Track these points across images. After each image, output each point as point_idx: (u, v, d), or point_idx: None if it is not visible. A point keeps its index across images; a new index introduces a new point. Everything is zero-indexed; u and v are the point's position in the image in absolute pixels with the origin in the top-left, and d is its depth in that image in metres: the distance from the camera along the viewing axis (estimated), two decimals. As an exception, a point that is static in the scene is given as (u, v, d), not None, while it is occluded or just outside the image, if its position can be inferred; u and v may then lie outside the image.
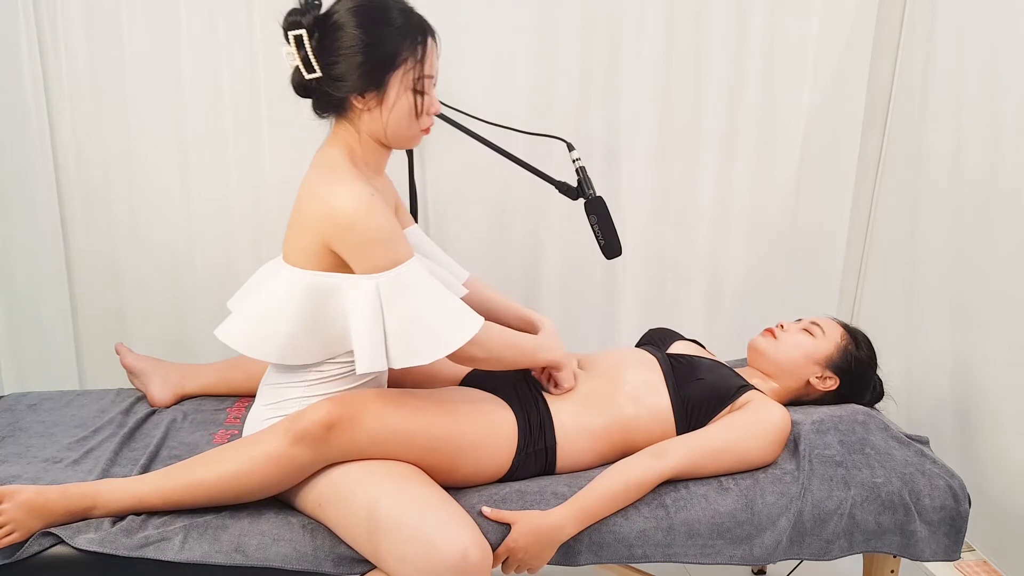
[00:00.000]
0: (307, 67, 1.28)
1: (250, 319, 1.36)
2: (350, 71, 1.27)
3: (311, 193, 1.29)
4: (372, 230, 1.25)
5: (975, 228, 1.86)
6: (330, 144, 1.36)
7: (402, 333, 1.27)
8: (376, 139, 1.35)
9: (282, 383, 1.37)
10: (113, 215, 2.16)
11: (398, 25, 1.28)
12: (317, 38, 1.27)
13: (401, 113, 1.31)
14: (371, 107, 1.30)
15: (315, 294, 1.30)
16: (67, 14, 2.01)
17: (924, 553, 1.42)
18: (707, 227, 2.31)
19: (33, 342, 2.19)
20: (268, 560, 1.27)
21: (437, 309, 1.30)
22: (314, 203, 1.28)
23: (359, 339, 1.26)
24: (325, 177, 1.29)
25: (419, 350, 1.28)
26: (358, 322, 1.27)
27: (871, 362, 1.64)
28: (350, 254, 1.26)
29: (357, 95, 1.29)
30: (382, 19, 1.27)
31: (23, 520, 1.25)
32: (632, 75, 2.16)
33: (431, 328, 1.29)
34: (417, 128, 1.34)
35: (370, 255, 1.26)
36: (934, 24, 2.02)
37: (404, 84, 1.29)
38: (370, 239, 1.25)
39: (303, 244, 1.30)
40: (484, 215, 2.23)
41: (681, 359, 1.57)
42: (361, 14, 1.27)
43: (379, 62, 1.27)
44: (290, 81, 1.33)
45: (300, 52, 1.27)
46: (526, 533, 1.29)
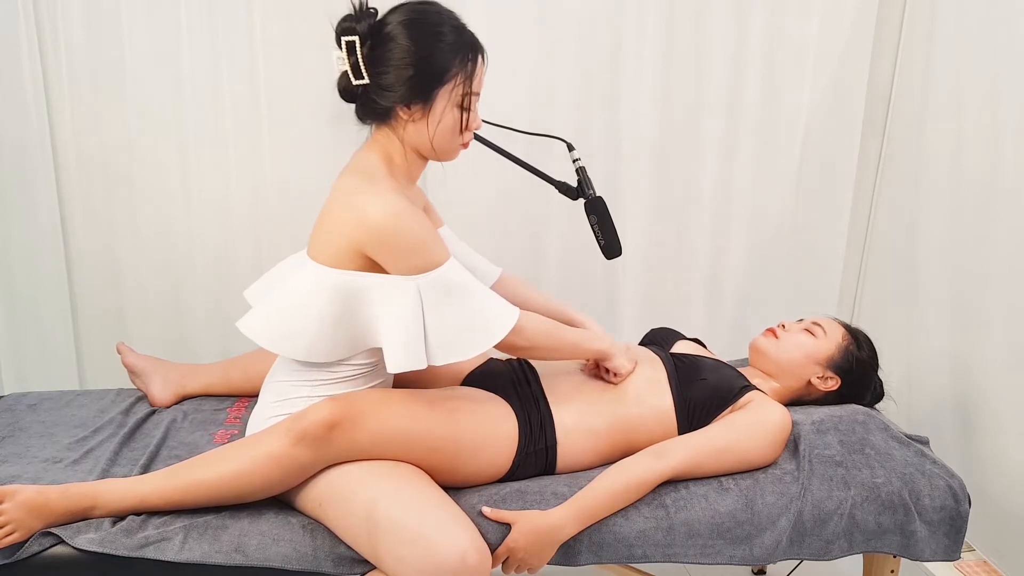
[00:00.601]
0: (356, 73, 1.29)
1: (274, 314, 1.36)
2: (399, 82, 1.28)
3: (345, 199, 1.30)
4: (409, 239, 1.26)
5: (975, 228, 1.86)
6: (368, 149, 1.37)
7: (443, 331, 1.29)
8: (416, 150, 1.36)
9: (290, 381, 1.37)
10: (113, 215, 2.16)
11: (450, 41, 1.29)
12: (369, 46, 1.28)
13: (445, 127, 1.32)
14: (416, 119, 1.31)
15: (344, 293, 1.30)
16: (67, 14, 2.01)
17: (924, 553, 1.42)
18: (707, 227, 2.31)
19: (33, 342, 2.19)
20: (268, 560, 1.27)
21: (477, 305, 1.32)
22: (348, 210, 1.28)
23: (395, 338, 1.27)
24: (361, 185, 1.29)
25: (462, 346, 1.30)
26: (395, 322, 1.28)
27: (872, 362, 1.64)
28: (388, 261, 1.27)
29: (403, 106, 1.30)
30: (435, 34, 1.29)
31: (23, 520, 1.24)
32: (632, 75, 2.16)
33: (472, 324, 1.31)
34: (458, 142, 1.37)
35: (409, 261, 1.27)
36: (934, 24, 2.02)
37: (452, 100, 1.31)
38: (408, 247, 1.26)
39: (334, 246, 1.30)
40: (484, 215, 2.23)
41: (684, 359, 1.57)
42: (414, 27, 1.28)
43: (428, 76, 1.28)
44: (336, 85, 1.33)
45: (351, 58, 1.28)
46: (526, 533, 1.29)
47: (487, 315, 1.33)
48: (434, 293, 1.28)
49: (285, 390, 1.37)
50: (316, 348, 1.32)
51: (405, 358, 1.27)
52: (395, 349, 1.28)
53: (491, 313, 1.33)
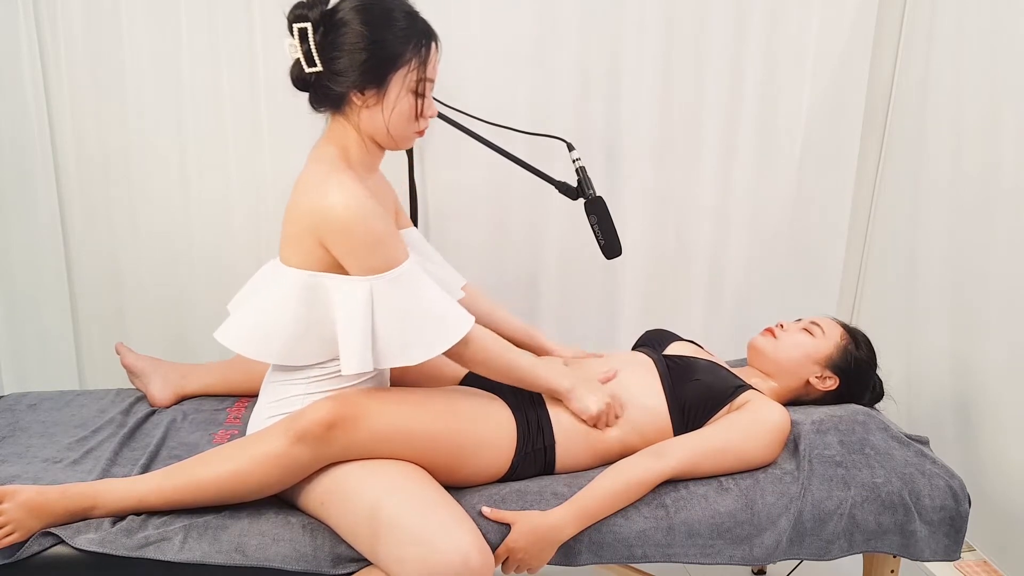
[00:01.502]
0: (308, 61, 1.29)
1: (248, 321, 1.37)
2: (353, 67, 1.28)
3: (305, 191, 1.30)
4: (366, 233, 1.25)
5: (975, 228, 1.86)
6: (326, 141, 1.36)
7: (393, 334, 1.28)
8: (372, 138, 1.35)
9: (285, 380, 1.37)
10: (113, 215, 2.16)
11: (403, 26, 1.29)
12: (322, 32, 1.28)
13: (400, 113, 1.32)
14: (370, 105, 1.31)
15: (311, 294, 1.30)
16: (67, 14, 2.01)
17: (924, 553, 1.42)
18: (707, 227, 2.31)
19: (33, 342, 2.19)
20: (268, 560, 1.27)
21: (430, 309, 1.30)
22: (307, 201, 1.28)
23: (347, 340, 1.27)
24: (320, 175, 1.29)
25: (410, 350, 1.28)
26: (347, 323, 1.27)
27: (871, 362, 1.64)
28: (345, 255, 1.27)
29: (357, 91, 1.30)
30: (388, 19, 1.28)
31: (23, 520, 1.24)
32: (632, 75, 2.16)
33: (423, 329, 1.29)
34: (413, 129, 1.36)
35: (365, 257, 1.26)
36: (934, 24, 2.02)
37: (406, 85, 1.30)
38: (364, 242, 1.25)
39: (297, 242, 1.30)
40: (484, 215, 2.23)
41: (678, 360, 1.57)
42: (367, 12, 1.28)
43: (382, 61, 1.28)
44: (289, 73, 1.33)
45: (303, 45, 1.28)
46: (526, 533, 1.29)
47: (439, 320, 1.31)
48: (386, 295, 1.27)
49: (281, 390, 1.37)
50: (293, 351, 1.32)
51: (357, 360, 1.26)
52: (347, 351, 1.27)
53: (444, 319, 1.31)
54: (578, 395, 1.43)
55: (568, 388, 1.43)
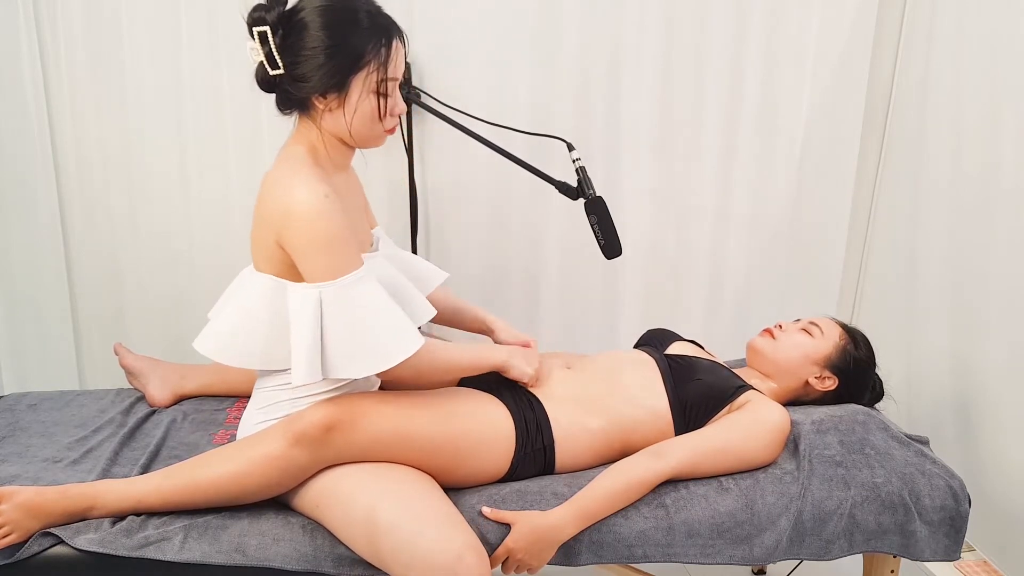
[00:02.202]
0: (271, 63, 1.27)
1: (223, 328, 1.37)
2: (312, 72, 1.26)
3: (269, 189, 1.29)
4: (321, 233, 1.23)
5: (975, 228, 1.86)
6: (294, 140, 1.36)
7: (340, 343, 1.25)
8: (338, 138, 1.34)
9: (270, 387, 1.37)
10: (113, 215, 2.16)
11: (364, 27, 1.27)
12: (281, 35, 1.26)
13: (363, 115, 1.30)
14: (332, 108, 1.30)
15: (278, 299, 1.30)
16: (67, 14, 2.01)
17: (924, 553, 1.42)
18: (707, 227, 2.31)
19: (33, 342, 2.19)
20: (268, 560, 1.27)
21: (379, 322, 1.28)
22: (270, 198, 1.27)
23: (296, 348, 1.25)
24: (284, 174, 1.28)
25: (355, 363, 1.26)
26: (297, 331, 1.26)
27: (870, 362, 1.64)
28: (297, 254, 1.25)
29: (319, 95, 1.28)
30: (347, 21, 1.26)
31: (22, 521, 1.24)
32: (632, 75, 2.16)
33: (372, 341, 1.27)
34: (380, 129, 1.34)
35: (316, 259, 1.24)
36: (934, 24, 2.02)
37: (367, 86, 1.29)
38: (318, 240, 1.23)
39: (262, 246, 1.30)
40: (484, 215, 2.23)
41: (679, 360, 1.57)
42: (327, 14, 1.26)
43: (341, 64, 1.26)
44: (254, 76, 1.31)
45: (264, 48, 1.26)
46: (526, 533, 1.29)
47: (389, 335, 1.27)
48: (336, 304, 1.25)
49: (268, 396, 1.37)
50: (271, 355, 1.32)
51: (302, 369, 1.25)
52: (296, 359, 1.25)
53: (394, 334, 1.27)
54: (514, 363, 1.47)
55: (505, 358, 1.47)
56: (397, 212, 2.20)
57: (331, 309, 1.25)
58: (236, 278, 1.48)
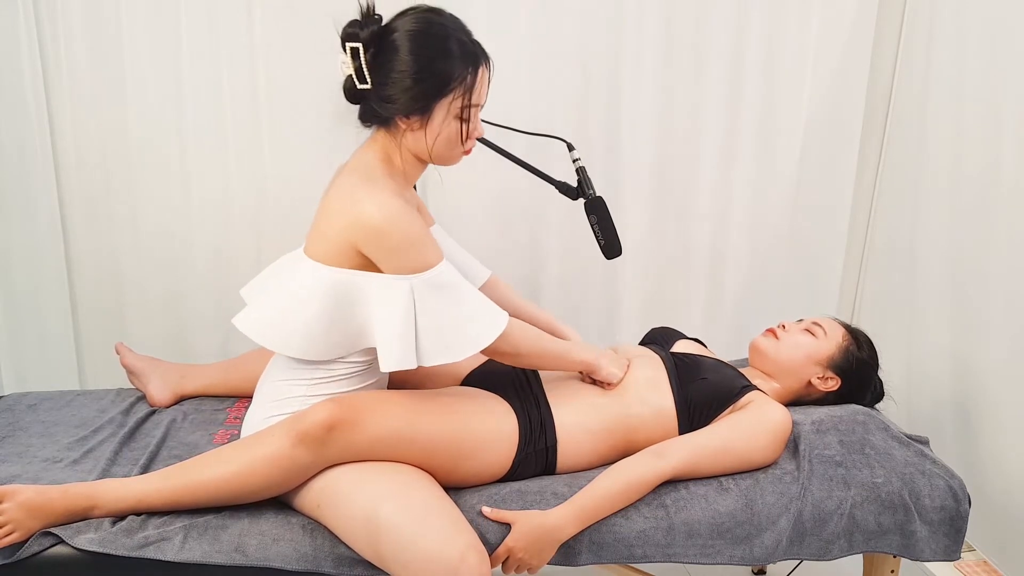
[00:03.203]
0: (360, 78, 1.30)
1: (270, 311, 1.36)
2: (398, 94, 1.28)
3: (342, 196, 1.30)
4: (403, 237, 1.26)
5: (975, 228, 1.86)
6: (369, 148, 1.37)
7: (435, 331, 1.29)
8: (416, 156, 1.36)
9: (286, 380, 1.37)
10: (113, 215, 2.16)
11: (454, 55, 1.29)
12: (372, 53, 1.29)
13: (444, 138, 1.33)
14: (415, 128, 1.32)
15: (339, 291, 1.30)
16: (67, 14, 2.01)
17: (924, 553, 1.42)
18: (707, 227, 2.31)
19: (33, 342, 2.19)
20: (268, 560, 1.27)
21: (468, 308, 1.33)
22: (344, 208, 1.29)
23: (387, 337, 1.28)
24: (359, 183, 1.30)
25: (451, 348, 1.30)
26: (388, 320, 1.28)
27: (872, 363, 1.64)
28: (382, 259, 1.28)
29: (403, 116, 1.31)
30: (438, 48, 1.28)
31: (23, 520, 1.24)
32: (632, 75, 2.16)
33: (462, 326, 1.31)
34: (459, 151, 1.37)
35: (403, 259, 1.27)
36: (934, 24, 2.02)
37: (451, 112, 1.31)
38: (402, 245, 1.26)
39: (330, 243, 1.31)
40: (484, 215, 2.23)
41: (685, 358, 1.57)
42: (418, 40, 1.28)
43: (427, 90, 1.28)
44: (342, 87, 1.34)
45: (355, 63, 1.29)
46: (526, 533, 1.29)
47: (477, 318, 1.33)
48: (426, 294, 1.29)
49: (282, 389, 1.37)
50: (311, 346, 1.32)
51: (397, 358, 1.28)
52: (388, 348, 1.28)
53: (481, 317, 1.34)
54: (604, 364, 1.49)
55: (595, 358, 1.48)
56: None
57: (424, 299, 1.28)
58: (281, 260, 1.49)
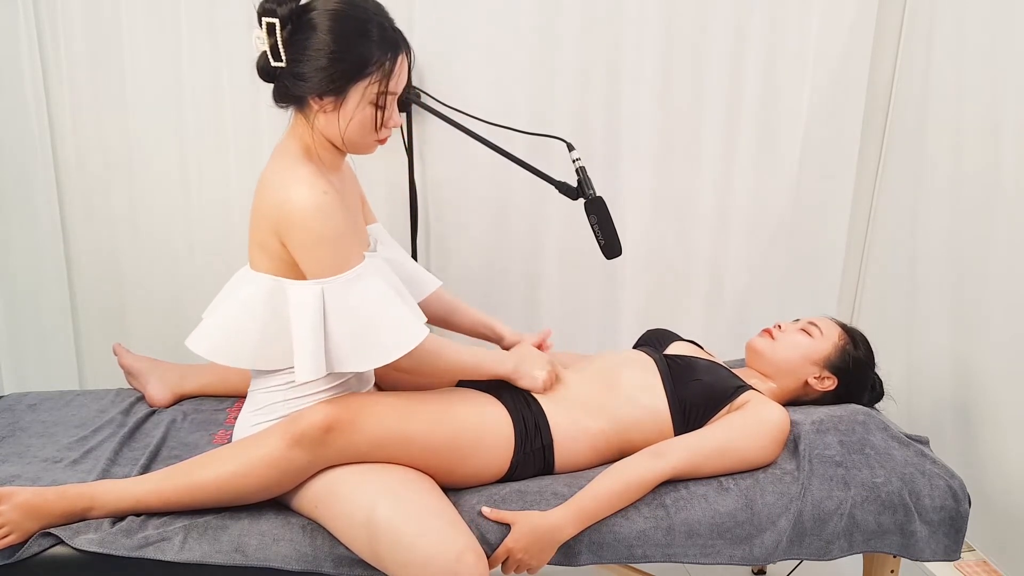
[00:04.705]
0: (274, 55, 1.27)
1: (217, 327, 1.36)
2: (312, 73, 1.26)
3: (266, 186, 1.29)
4: (322, 229, 1.24)
5: (975, 228, 1.86)
6: (288, 136, 1.36)
7: (345, 338, 1.26)
8: (329, 140, 1.34)
9: (264, 388, 1.37)
10: (113, 215, 2.16)
11: (372, 38, 1.26)
12: (289, 30, 1.26)
13: (357, 124, 1.30)
14: (327, 110, 1.29)
15: (275, 299, 1.30)
16: (67, 14, 2.01)
17: (924, 553, 1.42)
18: (707, 227, 2.31)
19: (33, 342, 2.19)
20: (268, 560, 1.27)
21: (384, 315, 1.29)
22: (268, 196, 1.28)
23: (299, 345, 1.26)
24: (280, 171, 1.29)
25: (360, 356, 1.27)
26: (299, 327, 1.26)
27: (869, 362, 1.64)
28: (299, 251, 1.26)
29: (315, 96, 1.28)
30: (357, 30, 1.26)
31: (21, 521, 1.24)
32: (632, 75, 2.16)
33: (376, 334, 1.28)
34: (373, 139, 1.34)
35: (318, 255, 1.25)
36: (934, 24, 2.02)
37: (366, 96, 1.28)
38: (319, 238, 1.24)
39: (261, 245, 1.30)
40: (484, 215, 2.23)
41: (679, 360, 1.57)
42: (337, 20, 1.25)
43: (342, 71, 1.26)
44: (256, 64, 1.31)
45: (270, 39, 1.26)
46: (526, 533, 1.29)
47: (393, 328, 1.29)
48: (338, 299, 1.26)
49: (262, 398, 1.37)
50: (262, 356, 1.32)
51: (306, 366, 1.25)
52: (300, 355, 1.26)
53: (398, 326, 1.29)
54: (522, 372, 1.47)
55: (512, 369, 1.46)
56: (397, 212, 2.20)
57: (334, 304, 1.26)
58: (233, 277, 1.48)
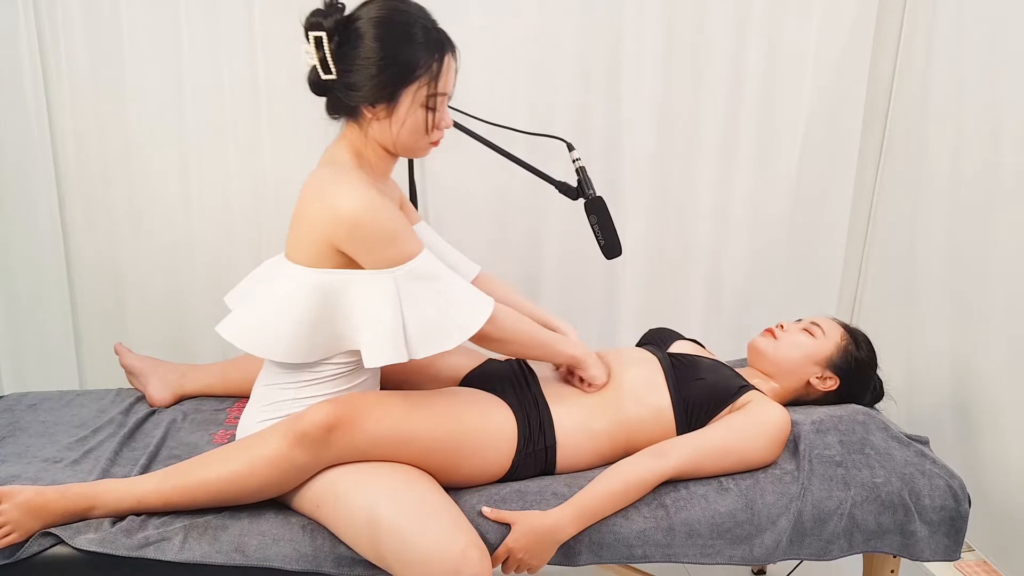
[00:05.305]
0: (324, 68, 1.29)
1: (253, 317, 1.36)
2: (363, 81, 1.28)
3: (315, 193, 1.30)
4: (380, 229, 1.26)
5: (975, 228, 1.86)
6: (338, 144, 1.37)
7: (422, 323, 1.29)
8: (383, 147, 1.36)
9: (275, 384, 1.37)
10: (113, 215, 2.16)
11: (418, 41, 1.29)
12: (336, 42, 1.28)
13: (410, 127, 1.33)
14: (380, 117, 1.32)
15: (321, 291, 1.30)
16: (67, 14, 2.01)
17: (924, 553, 1.42)
18: (707, 227, 2.31)
19: (33, 342, 2.19)
20: (268, 560, 1.27)
21: (453, 297, 1.32)
22: (318, 203, 1.28)
23: (375, 332, 1.27)
24: (330, 178, 1.29)
25: (440, 337, 1.30)
26: (374, 316, 1.28)
27: (871, 362, 1.64)
28: (361, 254, 1.27)
29: (368, 105, 1.30)
30: (402, 34, 1.28)
31: (22, 521, 1.24)
32: (632, 75, 2.16)
33: (449, 315, 1.31)
34: (426, 141, 1.36)
35: (382, 253, 1.27)
36: (934, 24, 2.02)
37: (416, 100, 1.31)
38: (379, 238, 1.26)
39: (307, 243, 1.30)
40: (484, 215, 2.23)
41: (682, 358, 1.57)
42: (382, 27, 1.28)
43: (392, 77, 1.28)
44: (307, 79, 1.34)
45: (319, 53, 1.28)
46: (526, 533, 1.29)
47: (464, 306, 1.33)
48: (410, 285, 1.28)
49: (270, 394, 1.37)
50: (295, 349, 1.32)
51: (385, 352, 1.27)
52: (374, 344, 1.27)
53: (467, 304, 1.34)
54: (591, 363, 1.49)
55: (584, 355, 1.49)
56: (397, 212, 2.20)
57: (407, 291, 1.28)
58: (263, 266, 1.48)
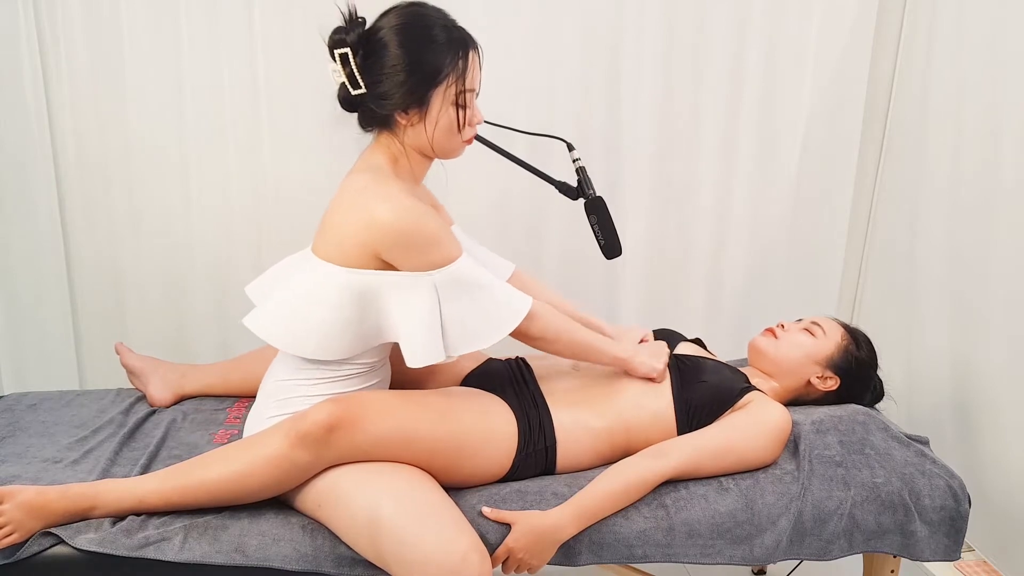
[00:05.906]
0: (353, 84, 1.30)
1: (282, 312, 1.36)
2: (393, 89, 1.29)
3: (353, 199, 1.31)
4: (424, 236, 1.28)
5: (975, 228, 1.86)
6: (373, 150, 1.38)
7: (460, 323, 1.31)
8: (420, 151, 1.37)
9: (290, 379, 1.37)
10: (113, 215, 2.16)
11: (440, 42, 1.30)
12: (362, 56, 1.29)
13: (444, 127, 1.34)
14: (414, 122, 1.33)
15: (356, 291, 1.30)
16: (67, 14, 2.01)
17: (924, 553, 1.42)
18: (707, 227, 2.31)
19: (33, 342, 2.18)
20: (268, 560, 1.27)
21: (491, 295, 1.34)
22: (357, 211, 1.29)
23: (413, 333, 1.29)
24: (369, 184, 1.30)
25: (478, 335, 1.32)
26: (412, 317, 1.29)
27: (872, 362, 1.64)
28: (402, 259, 1.28)
29: (401, 112, 1.31)
30: (425, 37, 1.29)
31: (23, 521, 1.25)
32: (632, 75, 2.16)
33: (488, 314, 1.33)
34: (460, 140, 1.38)
35: (423, 257, 1.28)
36: (934, 24, 2.02)
37: (446, 99, 1.32)
38: (420, 243, 1.28)
39: (343, 246, 1.30)
40: (484, 215, 2.23)
41: (687, 360, 1.57)
42: (404, 32, 1.29)
43: (421, 80, 1.29)
44: (336, 96, 1.35)
45: (345, 69, 1.30)
46: (526, 533, 1.29)
47: (502, 304, 1.35)
48: (450, 288, 1.30)
49: (284, 389, 1.37)
50: (325, 346, 1.32)
51: (424, 352, 1.29)
52: (414, 344, 1.29)
53: (505, 302, 1.36)
54: (640, 360, 1.50)
55: (630, 355, 1.49)
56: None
57: (447, 294, 1.30)
58: (289, 259, 1.48)
